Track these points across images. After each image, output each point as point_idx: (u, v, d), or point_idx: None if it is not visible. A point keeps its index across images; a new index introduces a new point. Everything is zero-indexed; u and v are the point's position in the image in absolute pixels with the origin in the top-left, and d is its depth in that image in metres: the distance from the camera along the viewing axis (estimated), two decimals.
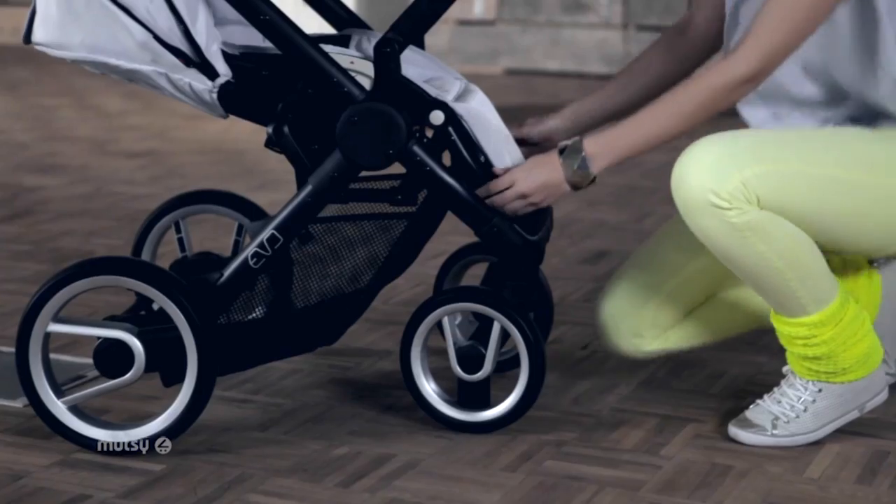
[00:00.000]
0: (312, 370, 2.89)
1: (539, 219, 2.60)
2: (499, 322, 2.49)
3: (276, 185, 4.65)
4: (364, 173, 2.50)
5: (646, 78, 2.72)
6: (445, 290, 2.64)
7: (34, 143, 5.51)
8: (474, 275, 3.02)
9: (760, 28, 2.35)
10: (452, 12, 7.54)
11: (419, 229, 2.59)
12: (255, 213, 2.94)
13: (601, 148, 2.42)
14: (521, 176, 2.45)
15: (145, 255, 2.96)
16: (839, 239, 2.42)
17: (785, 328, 2.47)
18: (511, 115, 2.71)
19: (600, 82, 7.26)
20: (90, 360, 2.51)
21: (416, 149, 2.44)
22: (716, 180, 2.31)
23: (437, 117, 2.45)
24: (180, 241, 2.95)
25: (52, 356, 2.48)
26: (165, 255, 3.12)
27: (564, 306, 3.35)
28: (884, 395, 2.58)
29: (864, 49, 2.43)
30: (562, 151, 2.44)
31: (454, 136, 2.47)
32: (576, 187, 2.44)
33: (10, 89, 6.89)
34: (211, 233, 3.97)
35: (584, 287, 3.54)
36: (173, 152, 5.33)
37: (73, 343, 2.96)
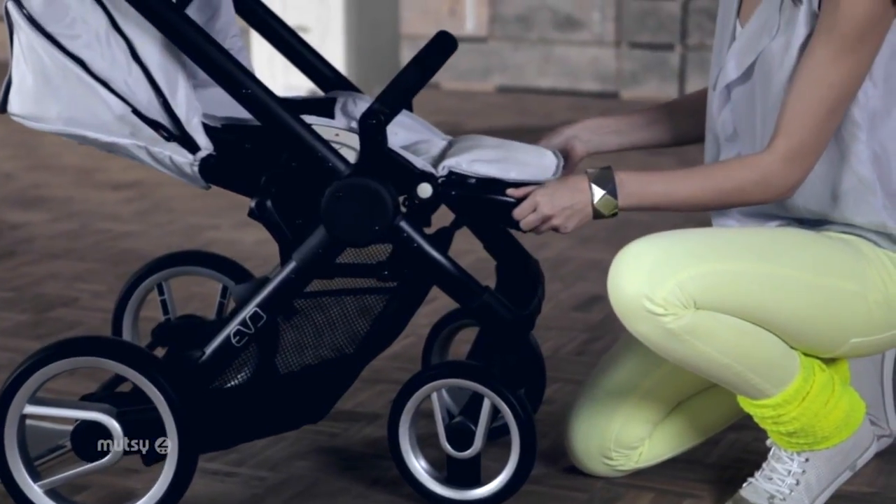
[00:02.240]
0: (298, 437, 2.81)
1: (530, 292, 2.54)
2: (489, 399, 2.42)
3: None
4: None
5: (674, 126, 2.65)
6: (434, 366, 2.57)
7: (19, 174, 5.43)
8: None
9: (789, 127, 2.28)
10: (444, 28, 7.47)
11: (405, 303, 2.52)
12: (239, 275, 2.87)
13: (631, 184, 2.33)
14: (544, 200, 2.35)
15: (127, 319, 2.89)
16: (781, 336, 2.34)
17: (750, 409, 2.41)
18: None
19: (593, 100, 7.22)
20: (68, 427, 2.43)
21: (403, 224, 2.36)
22: (650, 286, 2.24)
23: (425, 190, 2.38)
24: (163, 303, 2.88)
25: (29, 422, 2.41)
26: (150, 302, 3.04)
27: (557, 360, 3.28)
28: (874, 449, 2.52)
29: (833, 145, 2.36)
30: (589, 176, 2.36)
31: (455, 192, 2.39)
32: (598, 215, 2.36)
33: None
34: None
35: (578, 338, 3.47)
36: (159, 183, 5.25)
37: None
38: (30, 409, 2.35)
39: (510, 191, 2.39)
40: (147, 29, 2.32)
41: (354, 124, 2.54)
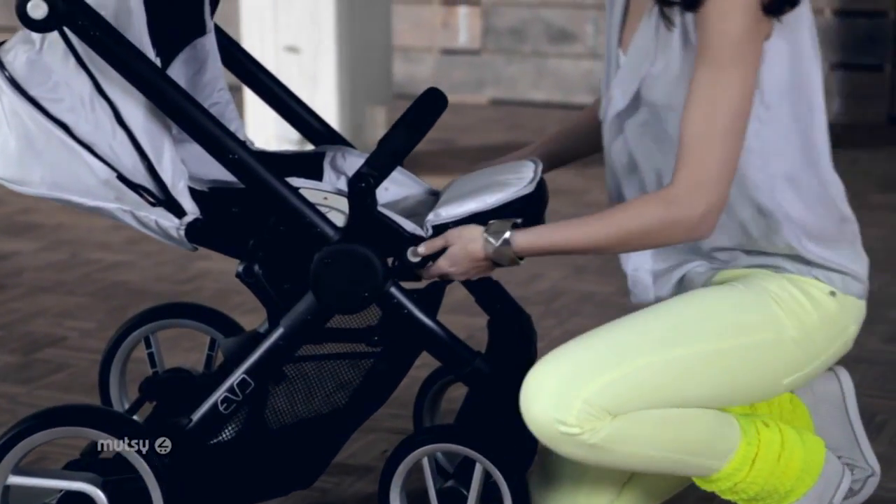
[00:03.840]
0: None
1: (522, 350, 2.51)
2: (480, 464, 2.39)
3: None
4: None
5: (573, 148, 2.66)
6: (424, 430, 2.53)
7: (8, 198, 5.37)
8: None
9: (687, 156, 2.21)
10: (437, 41, 7.44)
11: (395, 365, 2.48)
12: (227, 328, 2.83)
13: (523, 238, 2.28)
14: (453, 269, 2.31)
15: (114, 374, 2.86)
16: (708, 405, 2.30)
17: (706, 487, 2.37)
18: (497, 155, 2.64)
19: None
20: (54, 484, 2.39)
21: (393, 290, 2.32)
22: (558, 409, 2.20)
23: (415, 253, 2.34)
24: (150, 356, 2.85)
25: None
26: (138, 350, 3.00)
27: None
28: (847, 481, 2.47)
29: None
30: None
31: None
32: (497, 264, 2.31)
33: None
34: None
35: None
36: None
37: (37, 460, 2.85)
38: (14, 479, 2.32)
39: (420, 249, 2.32)
40: (132, 93, 2.29)
41: (343, 182, 2.51)
